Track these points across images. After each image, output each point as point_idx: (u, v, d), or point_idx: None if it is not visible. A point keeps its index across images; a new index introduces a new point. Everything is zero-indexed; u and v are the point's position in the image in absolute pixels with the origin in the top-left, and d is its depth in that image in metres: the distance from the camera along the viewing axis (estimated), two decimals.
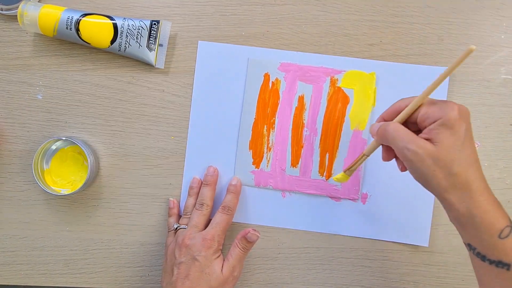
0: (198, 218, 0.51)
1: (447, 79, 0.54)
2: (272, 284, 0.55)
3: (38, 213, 0.55)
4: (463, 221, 0.38)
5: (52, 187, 0.53)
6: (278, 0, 0.55)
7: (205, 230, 0.50)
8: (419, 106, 0.39)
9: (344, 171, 0.47)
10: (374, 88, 0.54)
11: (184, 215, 0.53)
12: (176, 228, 0.53)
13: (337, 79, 0.54)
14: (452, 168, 0.36)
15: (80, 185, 0.52)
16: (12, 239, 0.55)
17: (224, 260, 0.49)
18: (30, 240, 0.55)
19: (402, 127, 0.39)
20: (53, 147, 0.54)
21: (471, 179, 0.37)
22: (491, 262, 0.37)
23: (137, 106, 0.55)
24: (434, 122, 0.37)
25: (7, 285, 0.56)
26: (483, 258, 0.37)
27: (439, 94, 0.54)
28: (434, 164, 0.37)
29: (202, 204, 0.52)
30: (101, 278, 0.56)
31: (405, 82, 0.54)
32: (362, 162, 0.46)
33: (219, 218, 0.51)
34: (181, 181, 0.55)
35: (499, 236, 0.36)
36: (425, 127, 0.38)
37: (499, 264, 0.36)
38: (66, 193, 0.52)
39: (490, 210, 0.37)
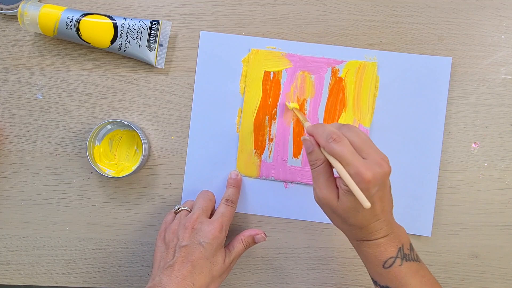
0: (205, 203, 0.50)
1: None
2: (272, 284, 0.55)
3: (38, 213, 0.55)
4: (358, 252, 0.44)
5: (99, 165, 0.53)
6: (278, 0, 0.55)
7: (213, 218, 0.49)
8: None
9: None
10: (377, 77, 0.54)
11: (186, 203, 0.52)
12: (178, 209, 0.51)
13: (338, 69, 0.54)
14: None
15: (132, 168, 0.52)
16: (12, 239, 0.55)
17: (225, 250, 0.49)
18: (30, 240, 0.55)
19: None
20: (108, 126, 0.54)
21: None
22: (382, 287, 0.43)
23: (137, 106, 0.55)
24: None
25: (7, 285, 0.56)
26: (375, 283, 0.44)
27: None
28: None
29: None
30: (101, 278, 0.56)
31: (407, 71, 0.54)
32: None
33: (224, 209, 0.50)
34: (181, 180, 0.55)
35: (383, 266, 0.41)
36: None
37: None
38: (112, 175, 0.53)
39: (375, 244, 0.42)
